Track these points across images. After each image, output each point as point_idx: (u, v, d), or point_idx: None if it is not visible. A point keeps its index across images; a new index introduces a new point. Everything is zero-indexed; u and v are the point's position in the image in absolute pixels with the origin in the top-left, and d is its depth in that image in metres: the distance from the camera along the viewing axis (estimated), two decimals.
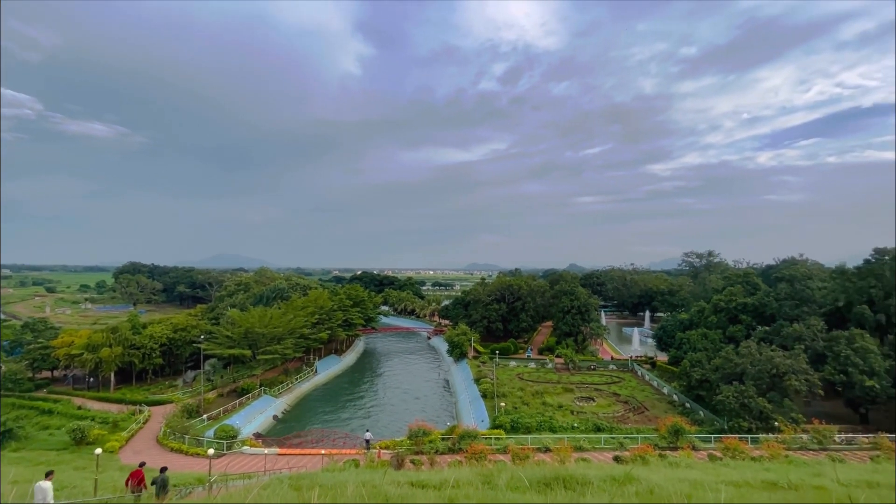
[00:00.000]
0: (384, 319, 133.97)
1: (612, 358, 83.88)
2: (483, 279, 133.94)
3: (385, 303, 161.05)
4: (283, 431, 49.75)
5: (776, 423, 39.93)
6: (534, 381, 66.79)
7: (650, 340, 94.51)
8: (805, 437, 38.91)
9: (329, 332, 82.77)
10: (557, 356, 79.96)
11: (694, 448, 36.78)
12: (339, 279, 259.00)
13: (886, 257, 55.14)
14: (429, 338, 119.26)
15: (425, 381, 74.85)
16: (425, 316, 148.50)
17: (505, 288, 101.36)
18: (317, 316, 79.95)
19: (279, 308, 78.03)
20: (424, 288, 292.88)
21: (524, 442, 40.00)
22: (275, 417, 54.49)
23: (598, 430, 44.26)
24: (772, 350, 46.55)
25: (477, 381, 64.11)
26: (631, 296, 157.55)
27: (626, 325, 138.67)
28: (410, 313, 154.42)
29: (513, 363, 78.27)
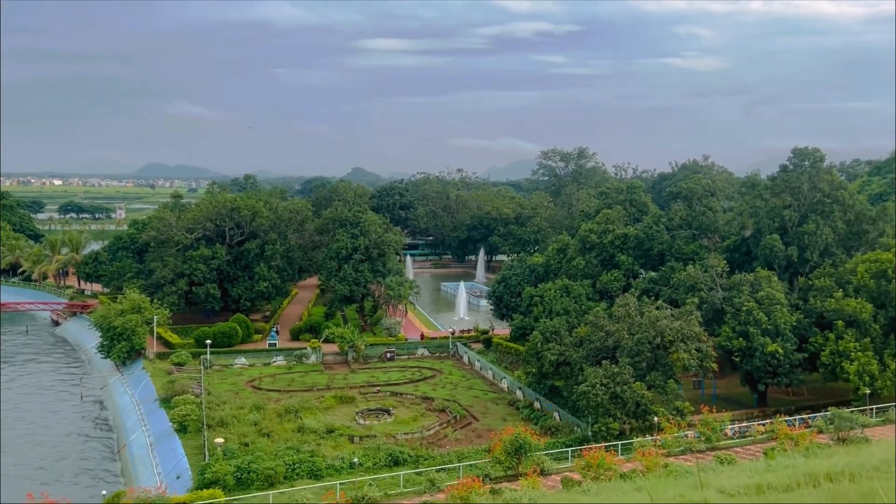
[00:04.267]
0: None
1: (423, 336, 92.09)
2: (177, 197, 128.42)
3: None
4: None
5: (656, 419, 50.81)
6: (283, 391, 68.58)
7: (485, 303, 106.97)
8: (691, 433, 50.52)
9: None
10: (328, 340, 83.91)
11: (543, 473, 43.85)
12: None
13: (806, 162, 73.44)
14: (56, 322, 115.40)
15: (53, 412, 71.83)
16: (47, 277, 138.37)
17: (224, 214, 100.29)
18: None
19: None
20: (43, 217, 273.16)
21: None
22: None
23: (396, 463, 48.98)
24: (657, 308, 57.89)
25: (167, 401, 63.93)
26: (457, 227, 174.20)
27: (448, 277, 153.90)
28: (11, 272, 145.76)
29: (242, 360, 79.66)
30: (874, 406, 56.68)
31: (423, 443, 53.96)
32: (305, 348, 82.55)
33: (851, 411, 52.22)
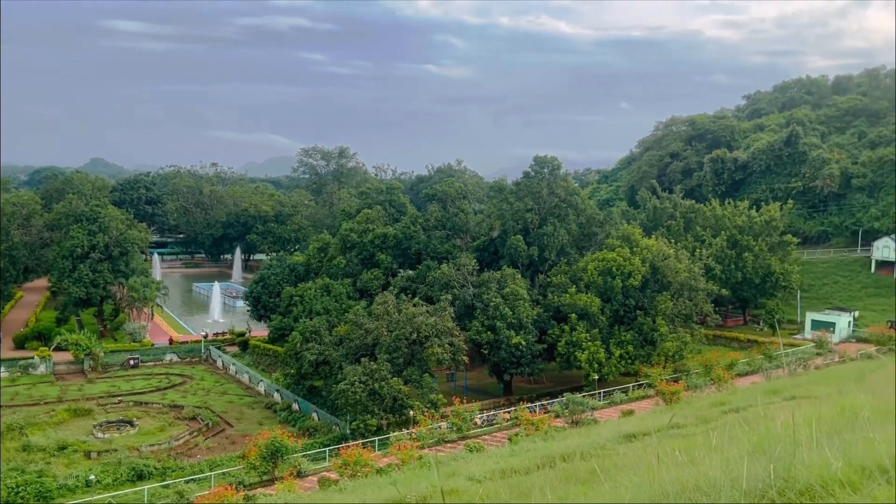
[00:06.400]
0: None
1: (172, 341, 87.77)
2: None
3: None
4: None
5: (412, 413, 52.55)
6: (5, 406, 62.52)
7: (241, 303, 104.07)
8: (444, 424, 52.87)
9: None
10: (60, 348, 77.86)
11: (300, 475, 43.70)
12: None
13: (546, 169, 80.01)
14: None
15: None
16: None
17: None
18: None
19: None
20: None
21: None
22: None
23: (141, 477, 46.53)
24: (414, 305, 59.87)
25: None
26: (211, 224, 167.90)
27: (202, 277, 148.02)
28: None
29: None
30: (602, 390, 63.08)
31: (170, 454, 51.60)
32: (33, 357, 75.30)
33: (583, 396, 57.61)
